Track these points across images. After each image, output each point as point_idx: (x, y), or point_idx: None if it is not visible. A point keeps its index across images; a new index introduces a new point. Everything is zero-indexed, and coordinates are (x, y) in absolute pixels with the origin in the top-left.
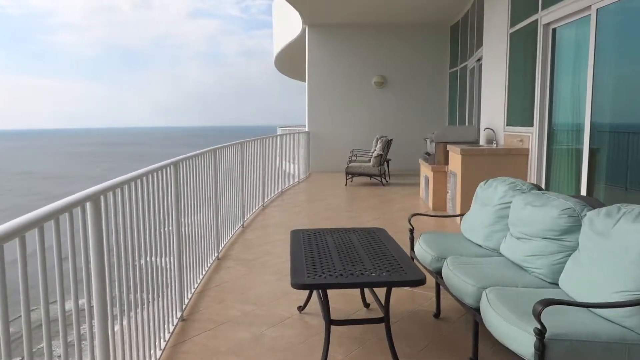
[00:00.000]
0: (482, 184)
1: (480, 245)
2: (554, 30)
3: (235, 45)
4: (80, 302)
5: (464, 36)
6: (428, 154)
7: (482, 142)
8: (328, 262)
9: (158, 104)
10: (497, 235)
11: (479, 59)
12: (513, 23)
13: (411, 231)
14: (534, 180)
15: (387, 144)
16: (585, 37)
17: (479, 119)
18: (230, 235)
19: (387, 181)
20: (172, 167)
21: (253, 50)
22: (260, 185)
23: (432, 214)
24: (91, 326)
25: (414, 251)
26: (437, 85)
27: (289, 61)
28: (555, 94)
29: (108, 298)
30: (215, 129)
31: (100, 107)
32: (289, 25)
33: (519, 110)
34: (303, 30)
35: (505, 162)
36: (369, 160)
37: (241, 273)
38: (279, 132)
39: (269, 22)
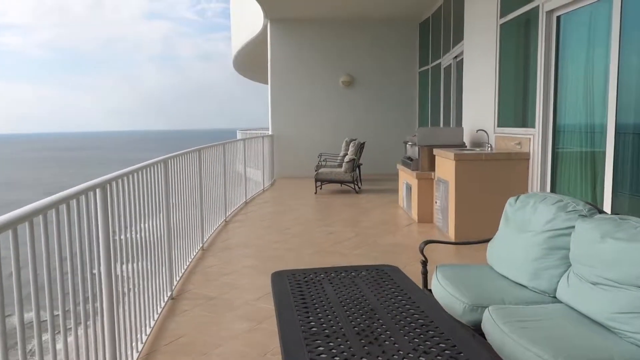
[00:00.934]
0: (511, 201)
1: (524, 286)
2: (558, 17)
3: (191, 48)
4: None
5: (435, 33)
6: (410, 158)
7: (468, 145)
8: (336, 332)
9: (113, 108)
10: (549, 273)
11: (457, 56)
12: (504, 12)
13: (424, 264)
14: (537, 189)
15: (360, 148)
16: (602, 23)
17: (457, 119)
18: (188, 263)
19: (359, 188)
20: (98, 190)
21: (210, 53)
22: (222, 197)
23: (449, 241)
24: None
25: (430, 290)
26: (407, 85)
27: (250, 61)
28: (561, 91)
29: None
30: (174, 132)
31: (51, 112)
32: (249, 21)
33: (514, 110)
34: (265, 26)
35: (504, 168)
36: (340, 165)
37: (202, 319)
38: (239, 136)
39: (225, 25)
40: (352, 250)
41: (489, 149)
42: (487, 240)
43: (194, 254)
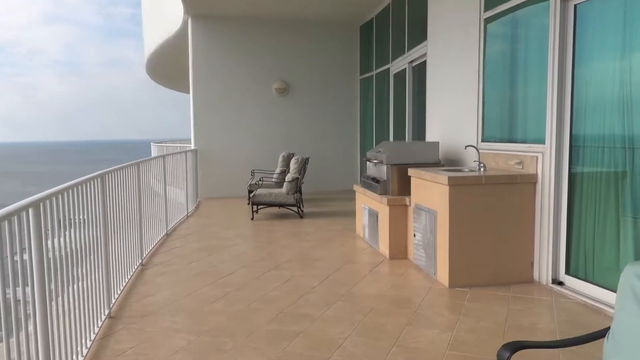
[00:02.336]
0: (638, 270)
1: None
2: (575, 6)
3: (97, 55)
4: None
5: (381, 35)
6: (375, 179)
7: (443, 162)
8: None
9: (6, 117)
10: None
11: (414, 60)
12: (491, 4)
13: None
14: (550, 219)
15: (304, 165)
16: None
17: (416, 133)
18: (87, 348)
19: (302, 211)
20: None
21: (118, 60)
22: (136, 234)
23: (546, 342)
24: None
25: None
26: (347, 93)
27: (167, 65)
28: (581, 97)
29: None
30: (78, 144)
31: None
32: (166, 17)
33: (509, 121)
34: (185, 23)
35: (507, 194)
36: (278, 184)
37: None
38: (154, 149)
39: (134, 31)
40: (324, 311)
41: (482, 169)
42: (599, 336)
43: (97, 329)
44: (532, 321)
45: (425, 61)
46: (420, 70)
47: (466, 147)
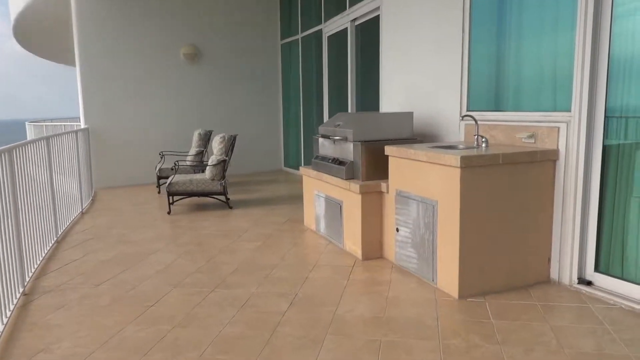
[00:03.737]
0: None
1: None
2: None
3: None
4: None
5: None
6: (337, 160)
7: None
8: None
9: None
10: None
11: (358, 18)
12: None
13: None
14: (577, 204)
15: (232, 144)
16: None
17: (363, 104)
18: None
19: (229, 199)
20: None
21: None
22: (12, 246)
23: None
24: None
25: None
26: (267, 61)
27: (43, 29)
28: (621, 46)
29: None
30: None
31: None
32: None
33: (510, 83)
34: None
35: (522, 175)
36: (197, 169)
37: None
38: (29, 130)
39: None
40: (315, 354)
41: (485, 145)
42: None
43: None
44: (593, 345)
45: (373, 18)
46: (366, 30)
47: (463, 117)
